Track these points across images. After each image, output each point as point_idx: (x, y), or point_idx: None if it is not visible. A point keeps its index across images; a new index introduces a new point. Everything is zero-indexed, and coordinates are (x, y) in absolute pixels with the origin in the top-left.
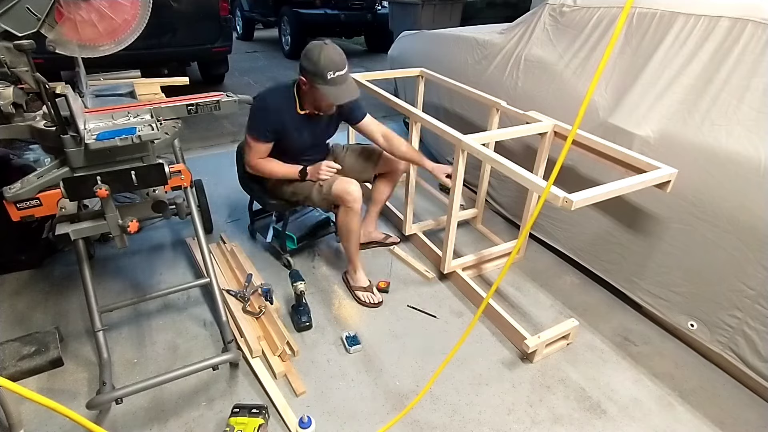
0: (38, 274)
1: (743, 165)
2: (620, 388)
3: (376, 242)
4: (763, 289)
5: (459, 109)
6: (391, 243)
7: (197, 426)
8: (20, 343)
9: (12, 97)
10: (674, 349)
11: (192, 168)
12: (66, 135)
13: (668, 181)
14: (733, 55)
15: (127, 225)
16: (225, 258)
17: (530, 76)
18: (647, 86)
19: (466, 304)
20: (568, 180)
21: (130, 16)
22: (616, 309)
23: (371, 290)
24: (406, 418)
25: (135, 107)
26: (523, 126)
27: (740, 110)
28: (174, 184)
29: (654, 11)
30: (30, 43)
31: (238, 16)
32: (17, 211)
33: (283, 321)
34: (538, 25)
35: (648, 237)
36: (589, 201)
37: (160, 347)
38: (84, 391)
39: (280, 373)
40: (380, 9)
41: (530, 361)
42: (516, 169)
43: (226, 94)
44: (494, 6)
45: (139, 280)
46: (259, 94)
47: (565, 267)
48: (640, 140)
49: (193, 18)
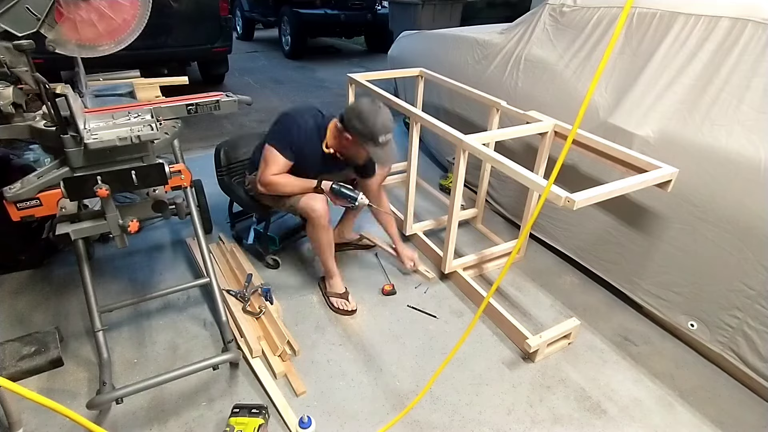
0: (38, 274)
1: (743, 165)
2: (620, 388)
3: (350, 243)
4: (763, 289)
5: (459, 109)
6: (366, 246)
7: (197, 426)
8: (20, 343)
9: (12, 97)
10: (674, 349)
11: (192, 168)
12: (66, 135)
13: (669, 180)
14: (733, 55)
15: (128, 225)
16: (225, 258)
17: (530, 76)
18: (647, 86)
19: (466, 304)
20: (570, 179)
21: (129, 16)
22: (616, 309)
23: (346, 297)
24: (406, 418)
25: (135, 107)
26: (523, 126)
27: (740, 110)
28: (174, 184)
29: (654, 11)
30: (30, 43)
31: (238, 16)
32: (17, 211)
33: (283, 320)
34: (538, 25)
35: (648, 237)
36: (591, 201)
37: (160, 347)
38: (84, 391)
39: (281, 372)
40: (380, 9)
41: (532, 361)
42: (518, 169)
43: (225, 94)
44: (494, 6)
45: (139, 280)
46: (291, 110)
47: (565, 267)
48: (640, 140)
49: (193, 18)
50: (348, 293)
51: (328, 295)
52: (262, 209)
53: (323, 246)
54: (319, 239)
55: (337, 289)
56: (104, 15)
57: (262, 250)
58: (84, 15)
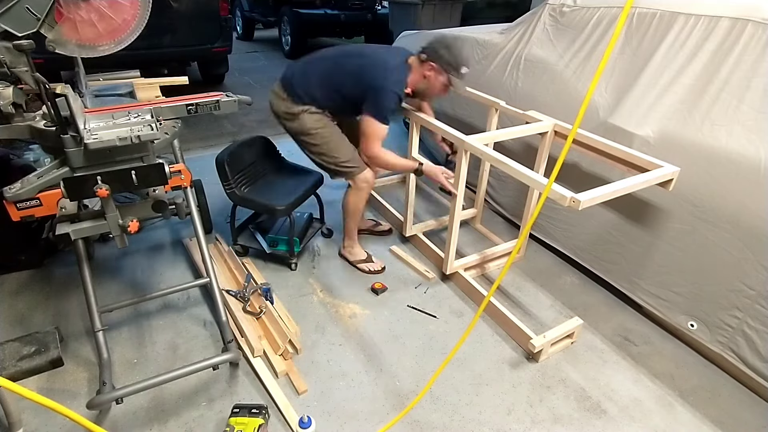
0: (38, 274)
1: (743, 165)
2: (620, 388)
3: (365, 230)
4: (763, 289)
5: (459, 112)
6: (381, 231)
7: (197, 426)
8: (20, 343)
9: (12, 97)
10: (674, 349)
11: (192, 168)
12: (66, 135)
13: (671, 179)
14: (733, 55)
15: (128, 225)
16: (223, 258)
17: (530, 76)
18: (647, 86)
19: (466, 304)
20: (571, 177)
21: (129, 16)
22: (616, 309)
23: (371, 259)
24: (406, 418)
25: (135, 107)
26: (524, 126)
27: (740, 110)
28: (174, 184)
29: (654, 11)
30: (30, 43)
31: (238, 16)
32: (17, 211)
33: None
34: (538, 25)
35: (648, 237)
36: (596, 201)
37: (160, 347)
38: (84, 391)
39: (282, 372)
40: (380, 9)
41: (536, 361)
42: (520, 168)
43: (225, 94)
44: (494, 6)
45: (139, 280)
46: (380, 75)
47: (565, 267)
48: (640, 140)
49: (193, 18)
50: (371, 255)
51: (355, 264)
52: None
53: (358, 211)
54: (357, 204)
55: (360, 256)
56: (104, 15)
57: (287, 255)
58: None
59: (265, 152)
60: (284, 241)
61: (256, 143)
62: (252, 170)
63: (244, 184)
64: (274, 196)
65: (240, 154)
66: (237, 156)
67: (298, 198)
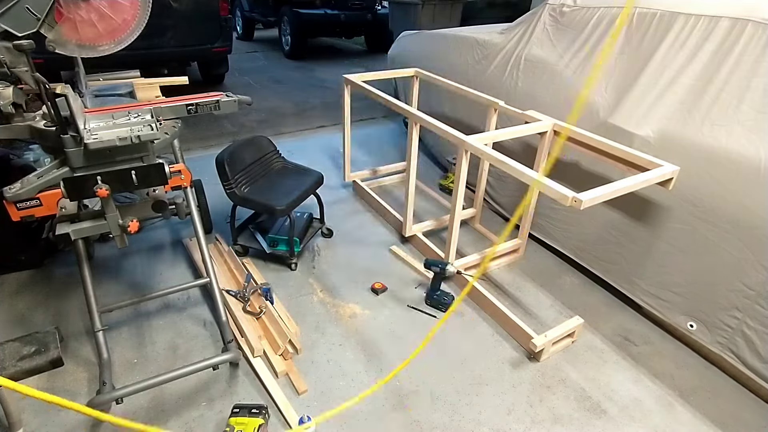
0: (38, 274)
1: (743, 165)
2: (620, 388)
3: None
4: (763, 289)
5: (459, 113)
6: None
7: (197, 426)
8: (20, 343)
9: (12, 97)
10: (674, 350)
11: (192, 168)
12: (66, 135)
13: (671, 178)
14: (733, 55)
15: (128, 225)
16: (222, 258)
17: (530, 76)
18: (647, 86)
19: (466, 304)
20: (571, 176)
21: (129, 16)
22: (616, 309)
23: None
24: (406, 418)
25: (135, 107)
26: (524, 125)
27: (740, 110)
28: (174, 184)
29: (654, 11)
30: (30, 43)
31: (238, 16)
32: (17, 211)
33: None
34: (538, 25)
35: (648, 237)
36: (597, 200)
37: (160, 347)
38: (84, 391)
39: (282, 371)
40: (380, 9)
41: (537, 360)
42: (522, 169)
43: (225, 94)
44: (494, 6)
45: (139, 280)
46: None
47: (565, 267)
48: (640, 140)
49: (193, 18)
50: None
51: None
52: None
53: None
54: None
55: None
56: (104, 15)
57: (287, 255)
58: (84, 15)
59: (265, 152)
60: (284, 241)
61: (256, 143)
62: (252, 170)
63: (244, 184)
64: (274, 195)
65: (240, 154)
66: (237, 156)
67: (297, 198)
